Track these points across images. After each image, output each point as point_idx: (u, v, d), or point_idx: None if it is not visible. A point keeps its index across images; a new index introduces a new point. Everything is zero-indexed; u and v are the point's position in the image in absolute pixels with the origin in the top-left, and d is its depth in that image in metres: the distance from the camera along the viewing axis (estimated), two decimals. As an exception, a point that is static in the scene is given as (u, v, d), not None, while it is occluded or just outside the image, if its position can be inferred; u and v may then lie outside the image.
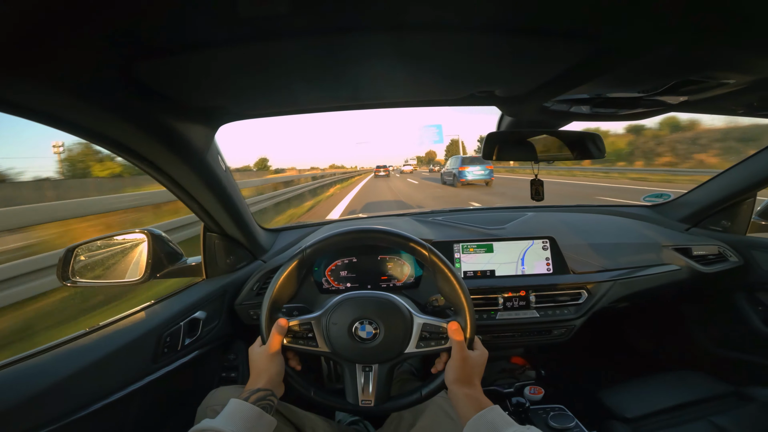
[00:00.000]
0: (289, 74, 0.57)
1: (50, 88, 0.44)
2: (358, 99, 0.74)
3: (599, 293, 1.08)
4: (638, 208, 1.51)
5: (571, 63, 0.57)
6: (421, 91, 0.71)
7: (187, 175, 0.77)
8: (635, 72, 0.60)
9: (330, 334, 0.70)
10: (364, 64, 0.56)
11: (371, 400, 0.70)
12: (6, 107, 0.45)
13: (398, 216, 1.47)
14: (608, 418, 0.99)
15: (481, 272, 1.11)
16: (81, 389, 0.63)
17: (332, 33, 0.45)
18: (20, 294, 2.52)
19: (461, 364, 0.66)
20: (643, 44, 0.51)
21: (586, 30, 0.48)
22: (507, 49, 0.53)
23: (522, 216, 1.33)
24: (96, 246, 0.91)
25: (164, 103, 0.60)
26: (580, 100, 0.75)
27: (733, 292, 1.27)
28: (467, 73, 0.62)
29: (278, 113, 0.77)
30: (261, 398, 0.63)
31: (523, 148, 0.96)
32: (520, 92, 0.71)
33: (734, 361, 1.28)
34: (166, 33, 0.42)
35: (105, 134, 0.58)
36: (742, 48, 0.52)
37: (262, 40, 0.45)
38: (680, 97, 0.73)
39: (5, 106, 0.44)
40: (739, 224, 1.28)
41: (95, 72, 0.46)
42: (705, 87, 0.67)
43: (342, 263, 1.04)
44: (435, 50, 0.52)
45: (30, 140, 39.83)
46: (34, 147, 38.53)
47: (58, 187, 12.78)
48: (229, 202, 0.90)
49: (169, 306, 0.86)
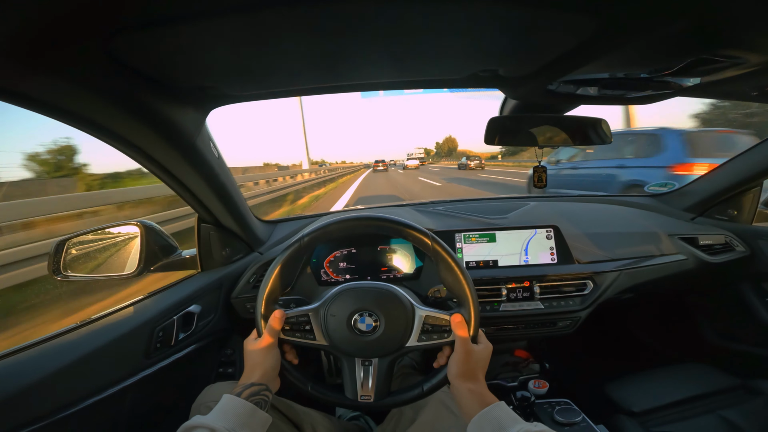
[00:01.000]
0: (278, 51, 0.54)
1: (25, 66, 0.42)
2: (353, 79, 0.70)
3: (605, 283, 1.06)
4: (643, 198, 1.49)
5: (577, 40, 0.54)
6: (422, 70, 0.68)
7: (177, 162, 0.74)
8: (643, 50, 0.58)
9: (328, 326, 0.68)
10: (362, 39, 0.53)
11: (371, 395, 0.67)
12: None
13: (398, 206, 1.45)
14: (615, 412, 0.98)
15: (483, 262, 1.08)
16: (70, 385, 0.61)
17: (326, 3, 0.42)
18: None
19: (465, 358, 0.63)
20: (651, 19, 0.48)
21: (596, 3, 0.45)
22: (511, 24, 0.50)
23: (525, 205, 1.31)
24: (88, 239, 0.88)
25: (148, 83, 0.57)
26: (586, 81, 0.73)
27: (740, 283, 1.25)
28: (470, 50, 0.59)
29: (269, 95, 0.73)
30: (254, 393, 0.60)
31: (526, 134, 0.93)
32: (525, 72, 0.68)
33: (740, 353, 1.26)
34: (142, 5, 0.39)
35: (87, 117, 0.55)
36: (756, 25, 0.49)
37: (249, 11, 0.42)
38: (692, 78, 0.70)
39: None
40: (745, 213, 1.26)
41: (73, 49, 0.43)
42: (717, 68, 0.64)
43: (341, 254, 1.02)
44: (436, 24, 0.49)
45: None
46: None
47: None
48: (223, 191, 0.88)
49: (161, 300, 0.84)
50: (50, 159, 14.98)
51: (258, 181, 9.92)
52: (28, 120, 40.81)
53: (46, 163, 15.03)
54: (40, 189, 6.12)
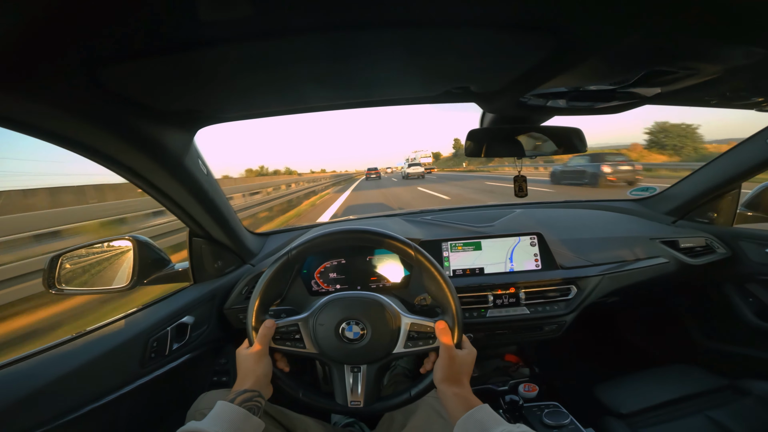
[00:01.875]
0: (259, 76, 0.57)
1: (15, 91, 0.44)
2: (332, 100, 0.74)
3: (588, 288, 1.09)
4: (625, 203, 1.53)
5: (541, 56, 0.58)
6: (398, 89, 0.72)
7: (166, 181, 0.77)
8: (604, 64, 0.61)
9: (317, 335, 0.70)
10: (338, 63, 0.57)
11: (360, 400, 0.70)
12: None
13: (388, 216, 1.48)
14: (604, 414, 0.99)
15: (470, 270, 1.11)
16: (66, 394, 0.63)
17: (301, 33, 0.45)
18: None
19: (449, 363, 0.66)
20: (606, 36, 0.51)
21: (550, 23, 0.48)
22: (478, 44, 0.54)
23: (510, 213, 1.34)
24: (82, 253, 0.90)
25: (136, 108, 0.59)
26: (556, 94, 0.77)
27: (723, 284, 1.27)
28: (443, 69, 0.63)
29: (255, 116, 0.77)
30: (247, 399, 0.62)
31: (506, 145, 0.97)
32: (495, 88, 0.71)
33: (728, 353, 1.28)
34: (127, 39, 0.42)
35: (77, 140, 0.58)
36: (708, 37, 0.53)
37: (230, 42, 0.45)
38: (653, 88, 0.74)
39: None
40: (725, 215, 1.29)
41: (60, 76, 0.45)
42: (675, 78, 0.67)
43: (331, 265, 1.04)
44: (410, 47, 0.52)
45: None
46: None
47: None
48: (212, 206, 0.91)
49: (155, 311, 0.86)
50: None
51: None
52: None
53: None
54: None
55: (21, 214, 3.50)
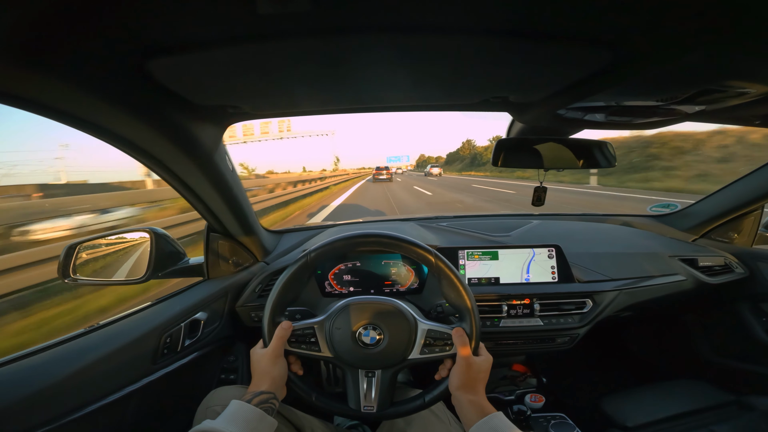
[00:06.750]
0: (298, 76, 0.57)
1: (63, 82, 0.44)
2: (365, 102, 0.73)
3: (604, 302, 1.07)
4: (644, 218, 1.50)
5: (591, 70, 0.56)
6: (434, 96, 0.70)
7: (194, 174, 0.76)
8: (655, 80, 0.59)
9: (333, 339, 0.69)
10: (376, 66, 0.55)
11: (374, 406, 0.69)
12: (18, 102, 0.44)
13: (403, 221, 1.46)
14: (609, 426, 0.99)
15: (485, 279, 1.10)
16: (79, 389, 0.62)
17: (346, 34, 0.44)
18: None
19: (466, 370, 0.66)
20: (666, 52, 0.49)
21: (607, 36, 0.47)
22: (523, 55, 0.52)
23: (527, 223, 1.32)
24: (98, 244, 0.89)
25: (176, 101, 0.59)
26: (594, 108, 0.74)
27: (737, 303, 1.26)
28: (482, 79, 0.61)
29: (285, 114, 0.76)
30: (264, 401, 0.62)
31: (531, 156, 0.94)
32: (535, 98, 0.69)
33: (736, 370, 1.27)
34: (180, 30, 0.42)
35: (114, 131, 0.58)
36: (764, 57, 0.51)
37: (274, 39, 0.44)
38: (698, 106, 0.72)
39: (18, 102, 0.44)
40: (745, 236, 1.27)
41: (109, 67, 0.46)
42: (724, 97, 0.65)
43: (345, 267, 1.03)
44: (450, 54, 0.51)
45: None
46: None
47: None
48: (234, 203, 0.90)
49: (170, 306, 0.85)
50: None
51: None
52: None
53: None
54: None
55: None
